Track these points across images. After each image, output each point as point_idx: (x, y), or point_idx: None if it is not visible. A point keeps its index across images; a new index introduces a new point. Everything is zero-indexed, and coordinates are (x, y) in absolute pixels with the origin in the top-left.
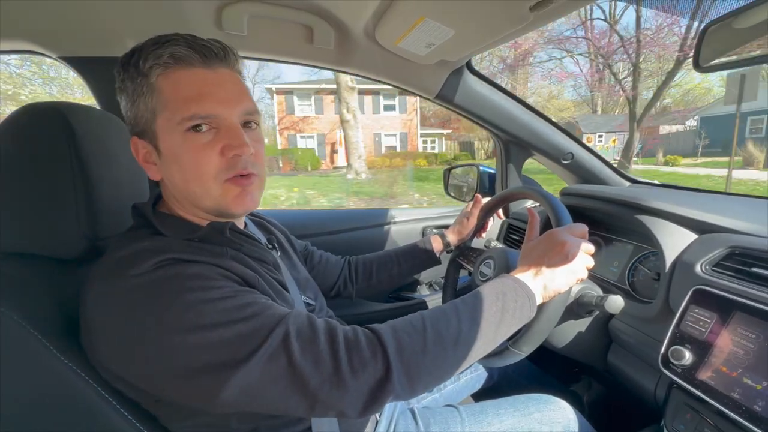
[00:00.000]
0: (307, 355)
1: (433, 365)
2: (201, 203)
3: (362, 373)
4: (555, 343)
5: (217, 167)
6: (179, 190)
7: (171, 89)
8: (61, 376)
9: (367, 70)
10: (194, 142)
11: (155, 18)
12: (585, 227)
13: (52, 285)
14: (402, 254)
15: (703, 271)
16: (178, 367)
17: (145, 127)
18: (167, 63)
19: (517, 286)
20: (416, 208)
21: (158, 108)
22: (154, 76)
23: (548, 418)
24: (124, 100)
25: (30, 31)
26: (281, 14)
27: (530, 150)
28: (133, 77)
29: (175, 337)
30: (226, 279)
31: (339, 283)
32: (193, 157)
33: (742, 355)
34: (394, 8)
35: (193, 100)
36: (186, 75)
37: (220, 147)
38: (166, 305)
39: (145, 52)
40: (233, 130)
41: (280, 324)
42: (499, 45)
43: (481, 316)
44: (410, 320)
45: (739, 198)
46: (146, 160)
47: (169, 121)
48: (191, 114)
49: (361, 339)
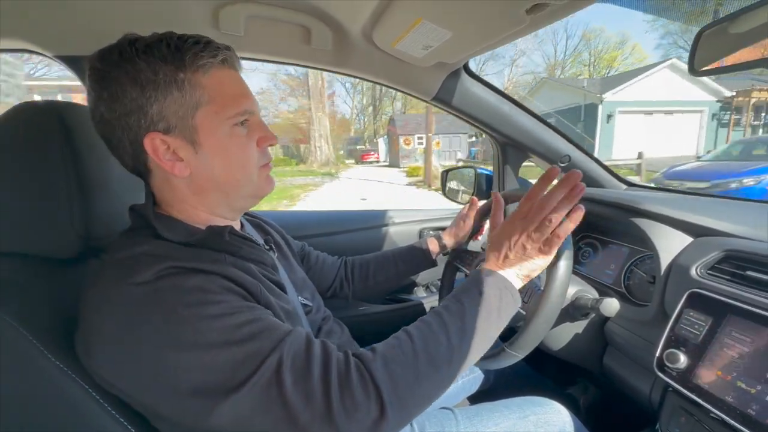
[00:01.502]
0: (298, 388)
1: (427, 389)
2: (240, 190)
3: (355, 415)
4: (551, 346)
5: (257, 156)
6: (216, 183)
7: (217, 86)
8: (53, 378)
9: (364, 71)
10: (241, 136)
11: (152, 17)
12: (540, 187)
13: (45, 285)
14: (399, 256)
15: (698, 274)
16: (168, 386)
17: (176, 122)
18: (214, 63)
19: (496, 281)
20: (414, 209)
21: (202, 102)
22: (201, 73)
23: (544, 421)
24: (136, 92)
25: (26, 30)
26: (278, 15)
27: (527, 152)
28: (168, 72)
29: (169, 353)
30: (227, 291)
31: (335, 284)
32: (241, 149)
33: (736, 358)
34: (392, 10)
35: (241, 97)
36: (227, 74)
37: (256, 139)
38: (164, 319)
39: (188, 50)
40: (262, 125)
41: (275, 351)
42: (496, 47)
43: (468, 324)
44: (400, 346)
45: (734, 202)
46: (170, 156)
47: (217, 114)
48: (243, 110)
49: (353, 378)
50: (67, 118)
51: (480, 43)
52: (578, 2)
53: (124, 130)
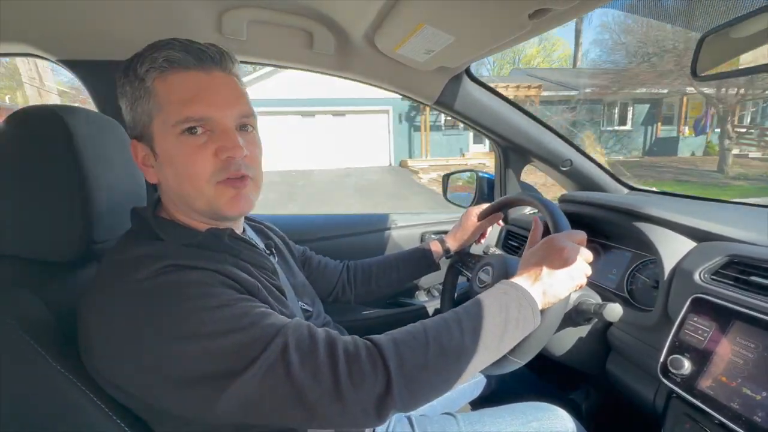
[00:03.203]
0: (306, 367)
1: (435, 379)
2: (194, 205)
3: (362, 387)
4: (553, 351)
5: (210, 169)
6: (174, 192)
7: (166, 92)
8: (54, 381)
9: (366, 75)
10: (188, 145)
11: (155, 22)
12: (583, 234)
13: (47, 288)
14: (401, 260)
15: (702, 279)
16: (176, 376)
17: (143, 131)
18: (162, 66)
19: (519, 295)
20: (415, 213)
21: (154, 111)
22: (151, 79)
23: (547, 427)
24: (124, 104)
25: (30, 34)
26: (281, 20)
27: (529, 156)
28: (131, 81)
29: (173, 345)
30: (226, 286)
31: (337, 288)
32: (186, 159)
33: (741, 364)
34: (394, 14)
35: (187, 103)
36: (181, 78)
37: (213, 149)
38: (166, 313)
39: (142, 56)
40: (227, 133)
41: (279, 334)
42: (498, 52)
43: (484, 327)
44: (412, 332)
45: (737, 206)
46: (144, 163)
47: (165, 123)
48: (185, 117)
49: (362, 352)
50: (70, 122)
51: (482, 48)
52: (580, 7)
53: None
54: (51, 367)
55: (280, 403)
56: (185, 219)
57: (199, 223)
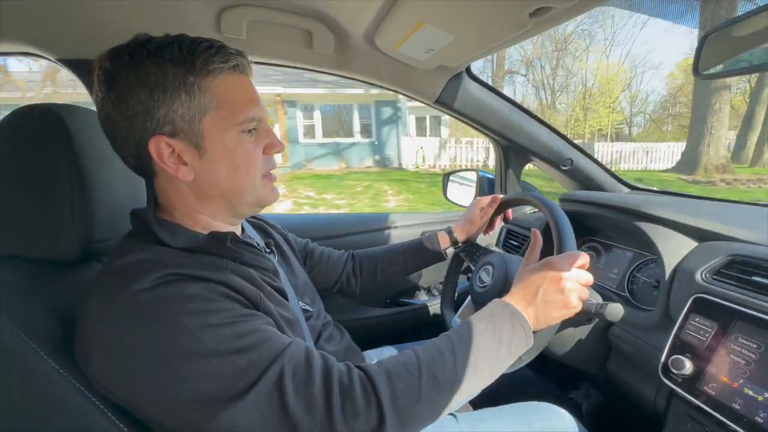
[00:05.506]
0: (300, 397)
1: (427, 410)
2: (244, 198)
3: (355, 423)
4: (554, 351)
5: (262, 164)
6: (221, 188)
7: (227, 91)
8: (52, 382)
9: (366, 74)
10: (249, 141)
11: (155, 20)
12: (586, 257)
13: (45, 288)
14: (408, 251)
15: (703, 279)
16: (167, 396)
17: (183, 126)
18: (225, 68)
19: (513, 319)
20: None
21: (210, 107)
22: (211, 78)
23: (547, 427)
24: (144, 95)
25: (29, 33)
26: (281, 19)
27: (529, 156)
28: (178, 75)
29: (170, 362)
30: (228, 299)
31: (342, 278)
32: (247, 155)
33: (743, 365)
34: (394, 13)
35: (251, 103)
36: (237, 80)
37: (263, 146)
38: (163, 328)
39: (200, 53)
40: (270, 132)
41: (276, 361)
42: (498, 51)
43: (477, 354)
44: (405, 363)
45: (739, 205)
46: (174, 160)
47: (225, 120)
48: (252, 116)
49: (356, 386)
50: (69, 121)
51: (482, 47)
52: (581, 6)
53: (130, 131)
54: (50, 367)
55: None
56: (188, 222)
57: (201, 224)
